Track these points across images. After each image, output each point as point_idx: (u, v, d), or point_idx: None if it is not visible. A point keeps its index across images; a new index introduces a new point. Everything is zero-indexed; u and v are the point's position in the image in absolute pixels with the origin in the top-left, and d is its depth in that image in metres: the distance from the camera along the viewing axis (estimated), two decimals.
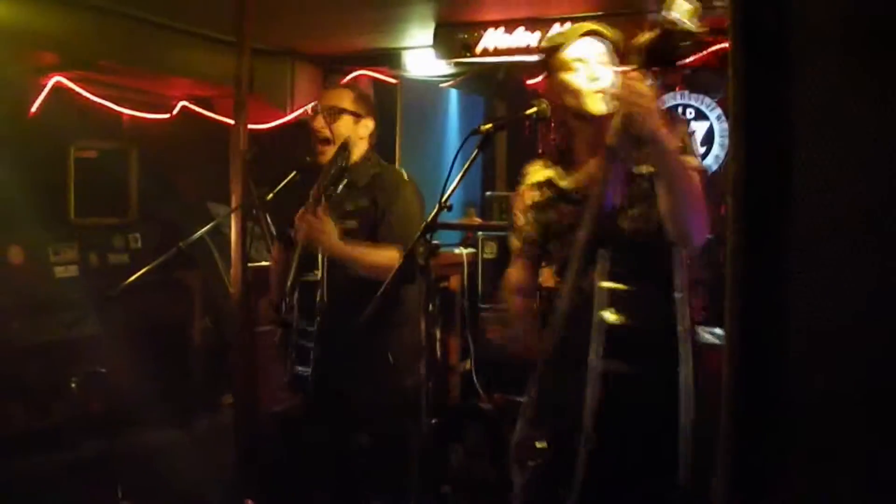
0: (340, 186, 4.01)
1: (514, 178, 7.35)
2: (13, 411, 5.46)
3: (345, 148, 3.90)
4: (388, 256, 3.77)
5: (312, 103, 4.19)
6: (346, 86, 4.20)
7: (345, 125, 4.05)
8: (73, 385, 5.18)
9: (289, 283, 3.97)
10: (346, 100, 4.08)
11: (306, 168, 4.00)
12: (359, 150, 4.11)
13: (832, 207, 1.34)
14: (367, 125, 4.16)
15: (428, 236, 3.27)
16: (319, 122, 4.03)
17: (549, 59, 3.30)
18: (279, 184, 4.09)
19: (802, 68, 1.35)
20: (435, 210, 3.25)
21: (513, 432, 3.17)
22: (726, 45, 1.36)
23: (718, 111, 6.05)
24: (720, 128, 6.04)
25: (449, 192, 3.22)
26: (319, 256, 3.95)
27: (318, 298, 3.96)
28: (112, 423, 4.94)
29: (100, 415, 5.15)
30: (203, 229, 3.82)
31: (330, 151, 3.97)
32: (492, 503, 5.05)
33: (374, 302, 3.30)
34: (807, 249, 1.36)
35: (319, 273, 3.96)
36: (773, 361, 1.39)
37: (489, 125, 3.26)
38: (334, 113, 4.03)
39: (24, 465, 5.16)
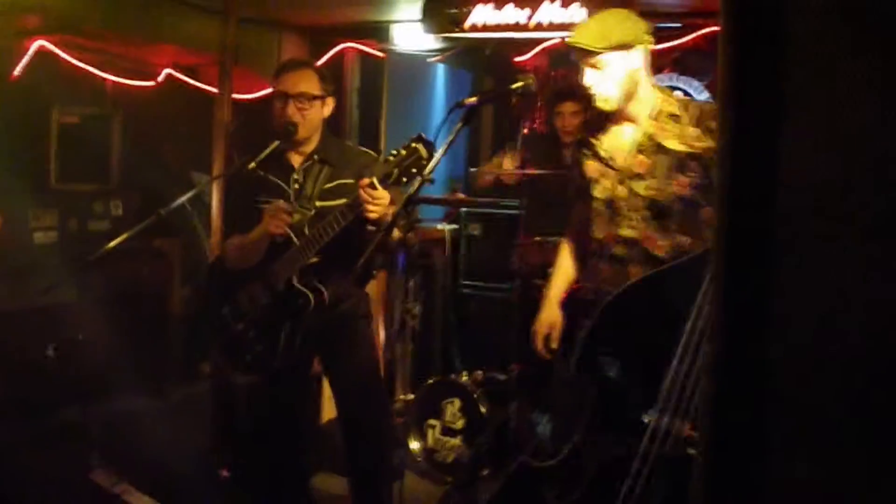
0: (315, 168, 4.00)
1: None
2: None
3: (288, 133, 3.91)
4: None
5: (274, 83, 4.04)
6: (308, 65, 4.07)
7: (315, 110, 3.98)
8: (49, 352, 5.16)
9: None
10: (314, 84, 3.98)
11: (288, 138, 3.95)
12: (320, 129, 4.07)
13: (819, 187, 1.32)
14: (330, 104, 4.08)
15: (409, 209, 3.26)
16: (292, 110, 3.91)
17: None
18: (261, 153, 4.05)
19: (794, 43, 1.33)
20: (417, 183, 3.23)
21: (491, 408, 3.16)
22: (716, 28, 1.35)
23: (707, 94, 6.05)
24: None
25: (432, 164, 3.21)
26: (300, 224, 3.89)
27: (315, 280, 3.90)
28: (88, 390, 4.92)
29: (76, 382, 5.13)
30: (183, 197, 3.78)
31: (300, 133, 3.93)
32: (465, 482, 5.05)
33: (367, 252, 3.30)
34: (792, 230, 1.34)
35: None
36: (754, 351, 1.38)
37: (473, 98, 3.24)
38: (306, 100, 3.94)
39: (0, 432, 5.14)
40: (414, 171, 3.38)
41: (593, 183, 3.51)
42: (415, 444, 5.22)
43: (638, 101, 3.38)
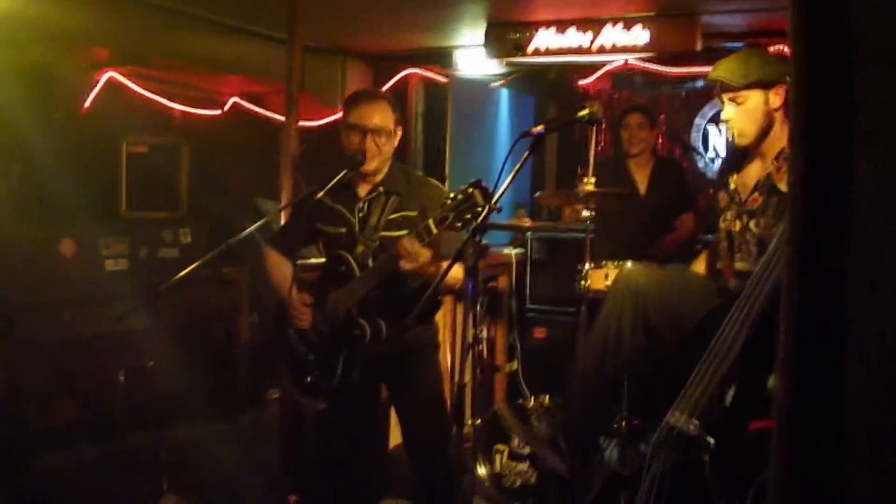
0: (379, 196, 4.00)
1: (564, 180, 7.38)
2: (63, 403, 5.51)
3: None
4: (457, 275, 3.71)
5: (347, 118, 4.03)
6: (382, 97, 4.07)
7: (391, 142, 3.98)
8: (121, 378, 5.23)
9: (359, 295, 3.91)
10: (388, 118, 3.96)
11: (356, 167, 3.96)
12: (389, 160, 4.06)
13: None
14: (399, 134, 4.07)
15: (477, 237, 3.26)
16: (370, 145, 3.89)
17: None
18: (328, 182, 4.07)
19: (866, 77, 1.32)
20: (485, 211, 3.24)
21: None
22: (781, 46, 1.34)
23: None
24: None
25: (499, 194, 3.22)
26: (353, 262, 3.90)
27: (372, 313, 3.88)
28: (158, 416, 4.97)
29: (147, 408, 5.19)
30: (252, 227, 3.81)
31: (374, 164, 3.93)
32: None
33: (422, 302, 3.32)
34: (868, 260, 1.32)
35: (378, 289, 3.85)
36: (829, 389, 1.36)
37: (540, 127, 3.26)
38: (382, 135, 3.92)
39: (72, 456, 5.22)
40: (468, 216, 3.38)
41: (722, 214, 3.60)
42: (482, 470, 5.19)
43: (770, 140, 3.43)
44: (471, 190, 3.39)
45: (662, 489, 2.76)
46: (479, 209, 3.34)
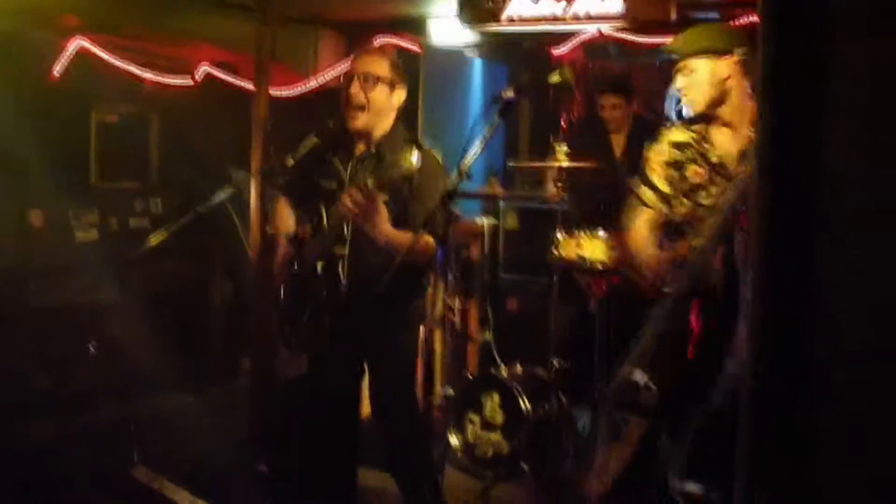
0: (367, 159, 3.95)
1: (538, 149, 7.35)
2: (32, 375, 5.48)
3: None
4: (428, 244, 3.70)
5: (344, 67, 4.07)
6: (382, 52, 4.08)
7: (381, 94, 3.91)
8: (91, 349, 5.20)
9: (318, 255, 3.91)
10: (383, 67, 3.93)
11: (327, 134, 3.93)
12: (389, 119, 3.99)
13: (865, 183, 1.29)
14: (400, 95, 4.01)
15: (447, 204, 3.25)
16: (356, 88, 3.86)
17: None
18: (300, 151, 4.04)
19: (836, 39, 1.30)
20: (454, 177, 3.22)
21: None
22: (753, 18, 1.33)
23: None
24: None
25: (468, 159, 3.20)
26: (347, 230, 3.86)
27: (342, 270, 3.88)
28: (130, 387, 4.95)
29: (118, 379, 5.17)
30: (221, 194, 3.78)
31: (362, 118, 3.88)
32: (504, 477, 5.04)
33: (391, 268, 3.30)
34: (837, 228, 1.31)
35: (346, 247, 3.87)
36: (798, 354, 1.35)
37: (511, 92, 3.25)
38: (372, 80, 3.87)
39: (42, 428, 5.19)
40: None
41: (699, 189, 3.54)
42: (454, 440, 5.20)
43: (733, 108, 3.45)
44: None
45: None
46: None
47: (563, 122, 6.06)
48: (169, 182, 6.71)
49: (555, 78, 3.30)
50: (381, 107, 3.94)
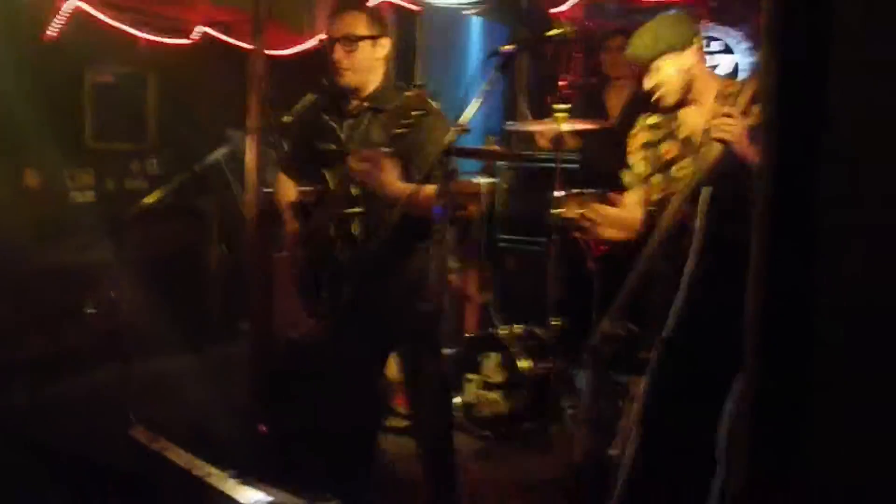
0: (366, 115, 3.91)
1: (536, 110, 7.32)
2: (28, 335, 5.47)
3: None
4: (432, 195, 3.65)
5: (323, 34, 4.02)
6: (355, 7, 4.00)
7: (363, 52, 3.87)
8: (87, 310, 5.18)
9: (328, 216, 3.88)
10: (360, 25, 3.88)
11: (323, 91, 3.91)
12: (378, 72, 3.96)
13: (871, 128, 1.27)
14: (384, 45, 3.96)
15: (445, 159, 3.23)
16: (339, 53, 3.83)
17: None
18: (297, 109, 4.01)
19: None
20: (452, 132, 3.20)
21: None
22: None
23: (745, 44, 5.95)
24: (745, 62, 5.95)
25: (466, 114, 3.19)
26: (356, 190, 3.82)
27: (355, 230, 3.85)
28: (126, 348, 4.93)
29: (114, 340, 5.16)
30: (216, 153, 3.76)
31: (350, 77, 3.86)
32: (504, 436, 5.05)
33: (391, 223, 3.32)
34: (843, 171, 1.29)
35: (358, 207, 3.82)
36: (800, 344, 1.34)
37: (509, 46, 3.26)
38: (351, 41, 3.84)
39: (38, 390, 5.18)
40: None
41: (673, 167, 3.64)
42: (454, 399, 5.20)
43: (698, 89, 3.57)
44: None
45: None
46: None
47: (561, 84, 6.04)
48: (166, 143, 6.68)
49: (554, 32, 3.31)
50: (367, 64, 3.91)
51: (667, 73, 3.52)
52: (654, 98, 3.60)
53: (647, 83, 3.59)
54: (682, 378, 3.34)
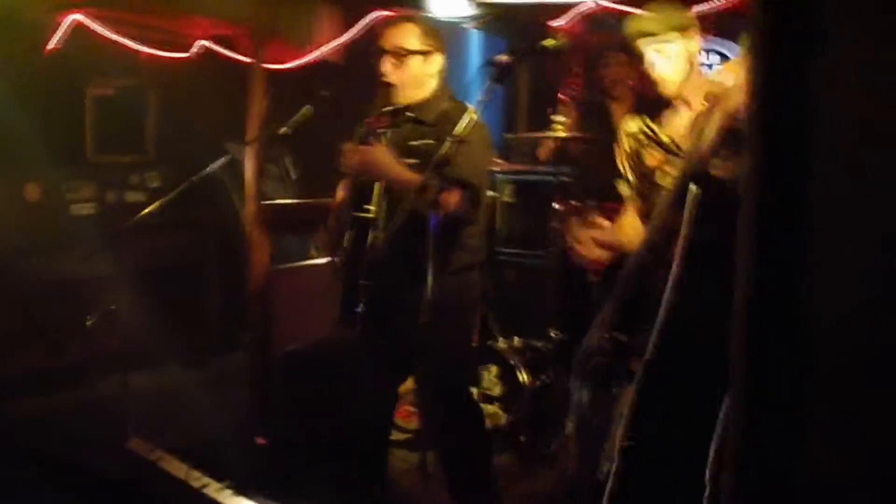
0: (402, 123, 3.84)
1: (536, 122, 7.31)
2: (28, 348, 5.48)
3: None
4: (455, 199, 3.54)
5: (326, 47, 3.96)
6: (411, 20, 3.91)
7: (413, 67, 3.78)
8: (88, 323, 5.18)
9: (338, 220, 3.86)
10: (412, 38, 3.78)
11: (322, 103, 3.90)
12: (428, 87, 3.86)
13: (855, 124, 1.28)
14: (437, 61, 3.88)
15: (440, 171, 3.22)
16: (387, 66, 3.75)
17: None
18: (295, 121, 4.01)
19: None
20: (449, 144, 3.20)
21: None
22: None
23: None
24: None
25: (463, 125, 3.19)
26: (375, 191, 3.74)
27: (370, 236, 3.73)
28: (127, 361, 4.94)
29: (115, 353, 5.15)
30: (214, 164, 3.76)
31: (395, 92, 3.78)
32: (502, 449, 5.03)
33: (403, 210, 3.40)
34: (830, 179, 1.30)
35: (374, 209, 3.73)
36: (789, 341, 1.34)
37: (504, 56, 3.25)
38: (401, 55, 3.75)
39: (39, 402, 5.19)
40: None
41: (657, 172, 3.56)
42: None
43: (691, 86, 3.47)
44: None
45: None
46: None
47: (559, 96, 6.04)
48: (166, 156, 6.69)
49: (549, 42, 3.31)
50: (416, 80, 3.82)
51: (674, 51, 3.44)
52: (654, 80, 3.53)
53: (652, 57, 3.49)
54: (666, 402, 3.20)
